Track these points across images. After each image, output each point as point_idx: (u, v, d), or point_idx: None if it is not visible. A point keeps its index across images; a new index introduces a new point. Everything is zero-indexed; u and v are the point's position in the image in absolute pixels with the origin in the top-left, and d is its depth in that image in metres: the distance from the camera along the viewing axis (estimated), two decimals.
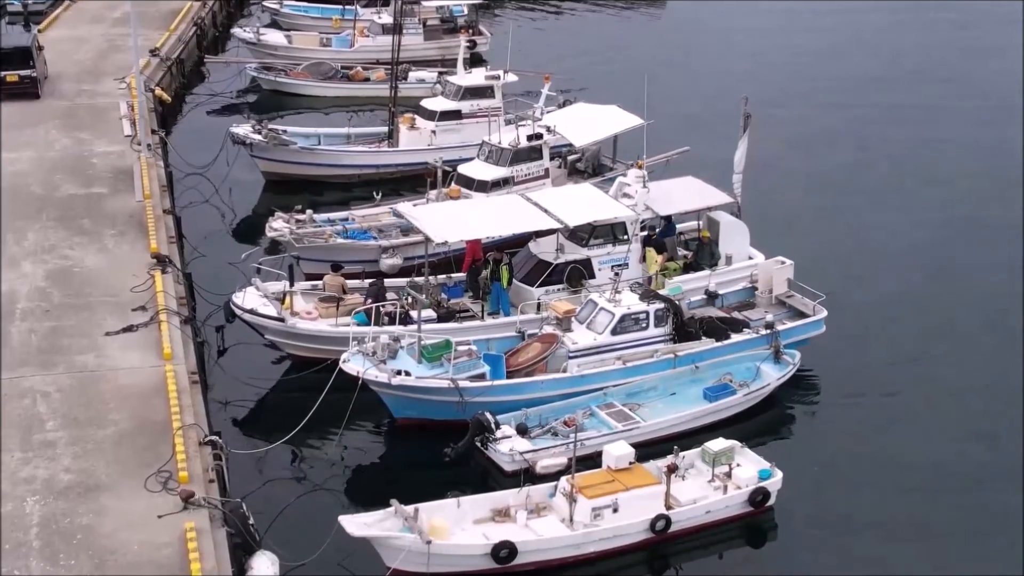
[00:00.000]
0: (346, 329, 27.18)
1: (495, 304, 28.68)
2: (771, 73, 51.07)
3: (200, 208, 36.86)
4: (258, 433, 25.47)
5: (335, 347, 27.06)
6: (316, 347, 27.47)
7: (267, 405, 27.28)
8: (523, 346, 27.10)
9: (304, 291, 28.80)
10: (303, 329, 27.43)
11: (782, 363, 27.38)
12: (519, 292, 28.86)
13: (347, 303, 27.97)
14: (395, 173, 39.30)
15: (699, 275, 29.83)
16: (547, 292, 28.58)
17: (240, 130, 38.24)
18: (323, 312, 27.83)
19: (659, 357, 26.94)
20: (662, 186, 31.46)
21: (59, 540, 19.76)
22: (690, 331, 27.42)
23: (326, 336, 27.43)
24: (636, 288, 27.88)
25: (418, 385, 25.26)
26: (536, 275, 28.91)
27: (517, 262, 29.41)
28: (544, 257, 29.18)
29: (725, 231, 30.70)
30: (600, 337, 26.72)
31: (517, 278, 28.93)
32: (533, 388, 26.09)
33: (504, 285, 28.51)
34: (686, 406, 26.11)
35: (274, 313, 27.51)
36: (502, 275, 28.46)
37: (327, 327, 27.46)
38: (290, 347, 27.91)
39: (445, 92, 40.22)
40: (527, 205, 29.52)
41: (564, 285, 28.79)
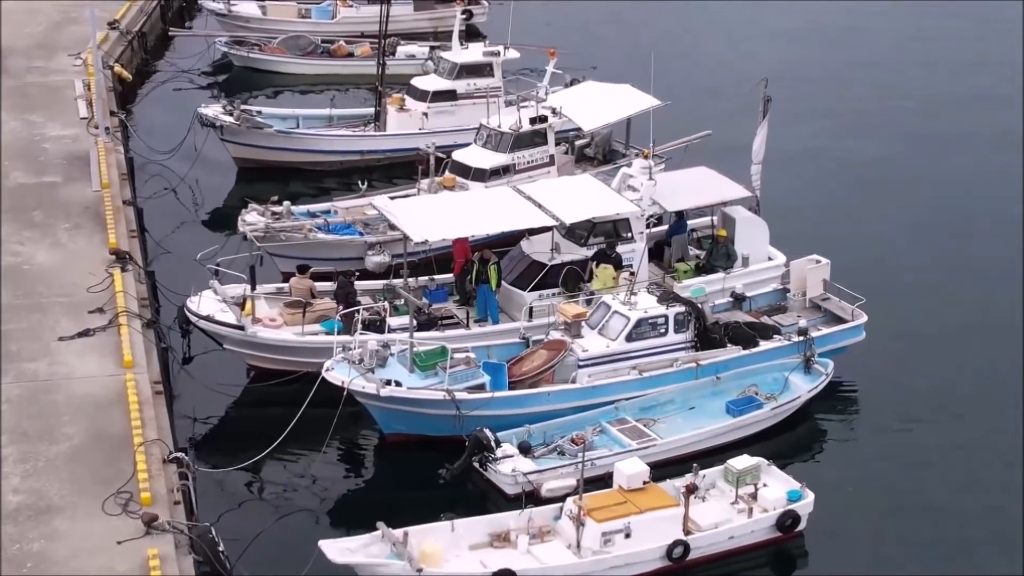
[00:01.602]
0: (314, 338, 27.26)
1: (482, 310, 28.79)
2: (795, 53, 51.21)
3: (164, 199, 36.96)
4: (229, 450, 25.46)
5: (301, 358, 27.23)
6: (280, 358, 27.53)
7: (240, 418, 27.36)
8: (527, 354, 27.17)
9: (268, 295, 28.89)
10: (265, 338, 27.44)
11: (813, 373, 27.50)
12: (509, 296, 28.96)
13: (315, 308, 28.04)
14: (382, 160, 39.33)
15: (712, 278, 29.93)
16: (540, 297, 28.62)
17: (209, 111, 38.30)
18: (288, 319, 27.86)
19: (680, 366, 27.02)
20: (671, 178, 31.53)
21: (8, 568, 19.76)
22: (714, 337, 27.44)
23: (291, 346, 27.44)
24: (654, 289, 28.05)
25: (410, 397, 25.28)
26: (528, 277, 28.95)
27: (507, 263, 29.44)
28: (537, 257, 29.21)
29: (742, 228, 30.76)
30: (613, 344, 26.79)
31: (507, 280, 28.98)
32: (538, 401, 26.16)
33: (492, 288, 28.59)
34: (707, 421, 26.16)
35: (233, 320, 27.47)
36: (490, 277, 28.53)
37: (292, 336, 27.47)
38: (251, 358, 27.95)
39: (438, 69, 40.30)
40: (518, 199, 29.65)
41: (560, 289, 28.78)
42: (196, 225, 35.99)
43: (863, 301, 29.13)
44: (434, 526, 22.37)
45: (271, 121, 39.15)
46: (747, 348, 27.68)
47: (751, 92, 31.70)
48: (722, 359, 27.33)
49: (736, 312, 29.41)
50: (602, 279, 28.75)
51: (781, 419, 26.79)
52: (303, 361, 27.20)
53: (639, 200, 29.88)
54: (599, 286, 28.59)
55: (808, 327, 28.16)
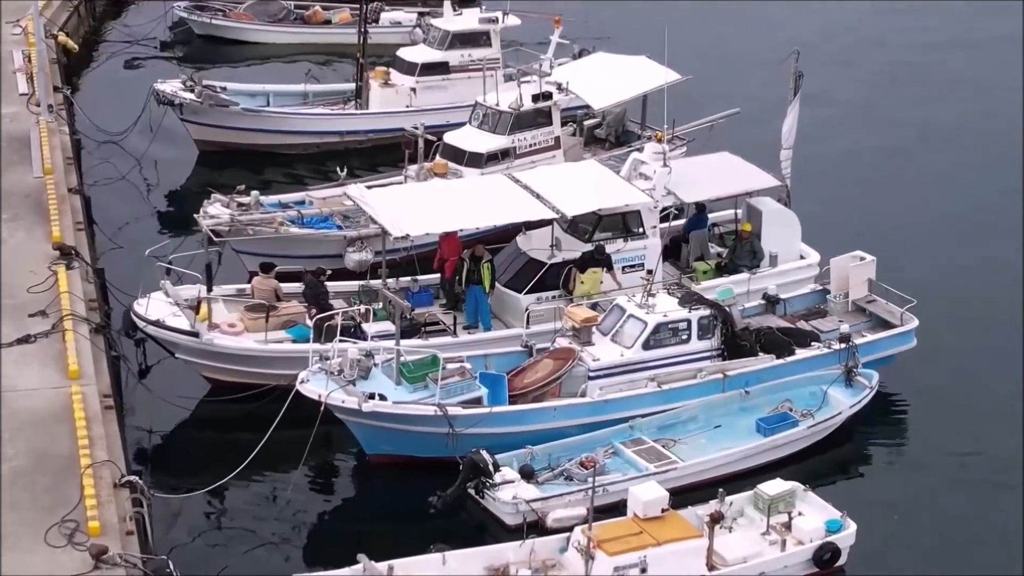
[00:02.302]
0: (279, 347, 27.35)
1: (472, 315, 28.87)
2: (833, 19, 51.25)
3: (116, 187, 36.98)
4: (190, 472, 25.49)
5: (264, 369, 27.30)
6: (240, 369, 27.61)
7: (202, 437, 27.42)
8: (531, 364, 27.17)
9: (227, 297, 28.90)
10: (222, 346, 27.49)
11: (856, 386, 27.55)
12: (503, 299, 29.02)
13: (280, 313, 28.09)
14: (364, 143, 39.44)
15: (736, 279, 29.97)
16: (539, 300, 28.67)
17: (167, 87, 38.41)
18: (249, 324, 27.87)
19: (704, 378, 27.04)
20: (689, 165, 31.59)
21: None
22: (743, 345, 27.49)
23: (252, 356, 27.46)
24: (675, 290, 28.04)
25: (396, 412, 25.26)
26: (525, 278, 29.00)
27: (501, 261, 29.47)
28: (535, 255, 29.25)
29: (770, 222, 30.83)
30: (628, 352, 26.81)
31: (501, 282, 29.01)
32: (542, 417, 26.13)
33: (485, 290, 28.64)
34: (735, 441, 26.22)
35: (186, 325, 27.50)
36: (482, 277, 28.59)
37: (254, 344, 27.49)
38: (207, 369, 27.99)
39: (428, 39, 40.51)
40: (514, 189, 29.69)
41: (560, 291, 28.83)
42: (152, 217, 36.05)
43: (914, 303, 29.19)
44: (423, 559, 22.30)
45: (237, 98, 39.24)
46: (781, 357, 27.72)
47: (781, 66, 31.86)
48: (752, 370, 27.35)
49: (769, 316, 29.42)
50: (589, 284, 28.75)
51: (819, 439, 26.78)
52: (266, 373, 27.27)
53: (651, 190, 29.88)
54: (584, 291, 28.61)
55: (851, 333, 28.14)
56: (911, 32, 51.10)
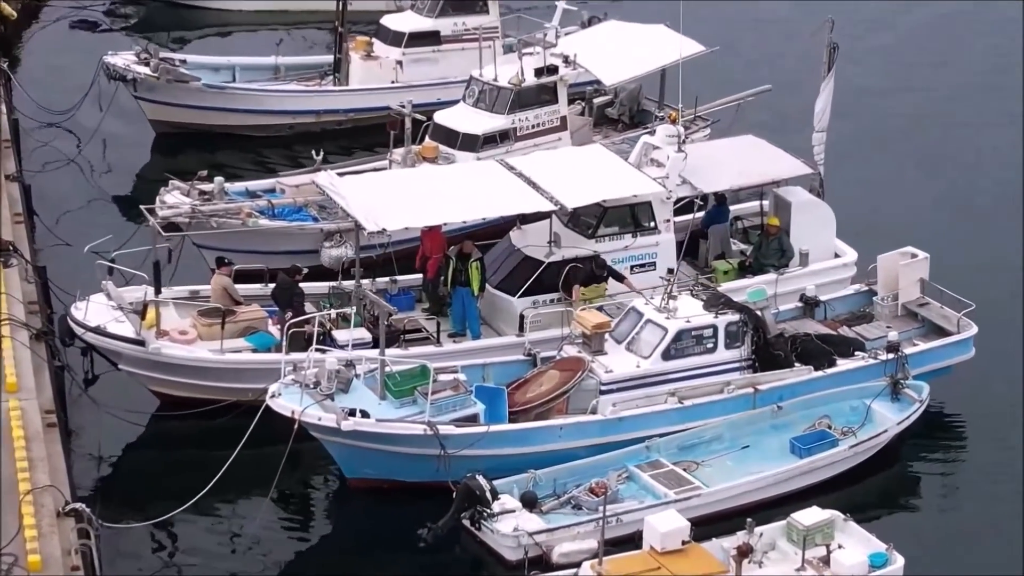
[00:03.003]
0: (235, 357, 27.28)
1: (459, 321, 28.87)
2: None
3: (60, 174, 36.95)
4: (144, 499, 25.39)
5: (219, 382, 27.30)
6: (191, 383, 27.59)
7: (158, 459, 27.34)
8: (534, 375, 27.13)
9: (179, 300, 28.83)
10: (171, 357, 27.42)
11: (904, 400, 27.52)
12: (493, 303, 29.03)
13: (240, 318, 28.04)
14: (343, 123, 39.35)
15: (762, 280, 29.96)
16: (535, 304, 28.69)
17: (118, 60, 38.28)
18: (203, 331, 27.85)
19: (732, 392, 27.02)
20: (708, 150, 31.51)
21: None
22: (777, 354, 27.46)
23: (206, 367, 27.39)
24: (700, 292, 27.93)
25: (380, 431, 25.16)
26: (519, 279, 29.02)
27: (492, 259, 29.50)
28: (531, 253, 29.26)
29: (800, 216, 30.82)
30: (646, 363, 26.78)
31: (492, 283, 29.04)
32: (547, 437, 26.09)
33: (474, 293, 28.64)
34: (766, 463, 26.22)
35: (131, 332, 27.41)
36: (470, 277, 28.57)
37: (208, 353, 27.42)
38: (154, 382, 27.95)
39: (416, 5, 40.32)
40: (507, 176, 29.68)
41: (560, 294, 28.84)
42: (102, 208, 35.99)
43: (972, 308, 29.14)
44: None
45: (198, 73, 39.16)
46: (820, 368, 27.68)
47: (813, 38, 31.80)
48: (787, 383, 27.32)
49: (807, 321, 29.40)
50: (592, 292, 28.74)
51: (862, 460, 26.75)
52: (222, 387, 27.24)
53: (664, 178, 29.84)
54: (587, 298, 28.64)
55: (900, 341, 28.10)
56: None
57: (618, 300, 28.60)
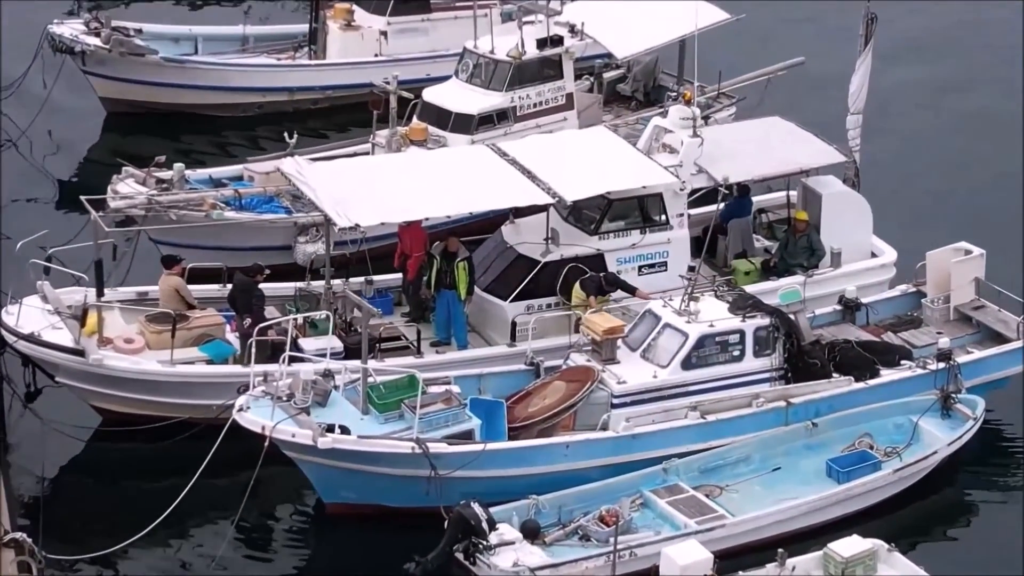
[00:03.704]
0: (189, 369, 27.41)
1: (443, 328, 28.99)
2: None
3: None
4: (93, 528, 25.43)
5: (170, 398, 27.40)
6: (137, 397, 27.61)
7: (109, 482, 27.26)
8: (537, 387, 27.15)
9: (126, 303, 28.83)
10: (114, 368, 27.39)
11: (956, 417, 27.53)
12: (483, 308, 29.15)
13: (193, 324, 28.14)
14: (321, 101, 39.45)
15: (789, 282, 29.98)
16: (529, 309, 28.80)
17: (64, 30, 38.30)
18: (152, 339, 27.90)
19: (761, 407, 27.05)
20: (728, 134, 31.70)
21: None
22: (813, 363, 27.50)
23: (154, 380, 27.43)
24: (725, 292, 27.96)
25: (362, 449, 25.15)
26: (511, 281, 29.16)
27: (481, 258, 29.60)
28: (525, 251, 29.35)
29: (833, 209, 30.95)
30: (664, 373, 26.83)
31: (480, 285, 29.15)
32: (552, 457, 26.08)
33: (460, 296, 28.75)
34: (800, 488, 26.23)
35: (69, 341, 27.36)
36: (457, 279, 28.67)
37: (156, 365, 27.48)
38: (95, 396, 27.92)
39: None
40: (499, 164, 29.73)
41: (558, 298, 28.97)
42: (44, 198, 36.09)
43: None
44: None
45: (156, 44, 39.21)
46: (861, 379, 27.74)
47: None
48: (823, 396, 27.36)
49: (846, 326, 29.44)
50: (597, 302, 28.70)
51: (908, 485, 26.75)
52: (172, 403, 27.31)
53: (678, 167, 29.86)
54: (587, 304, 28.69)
55: (952, 348, 28.15)
56: None
57: (624, 304, 28.63)
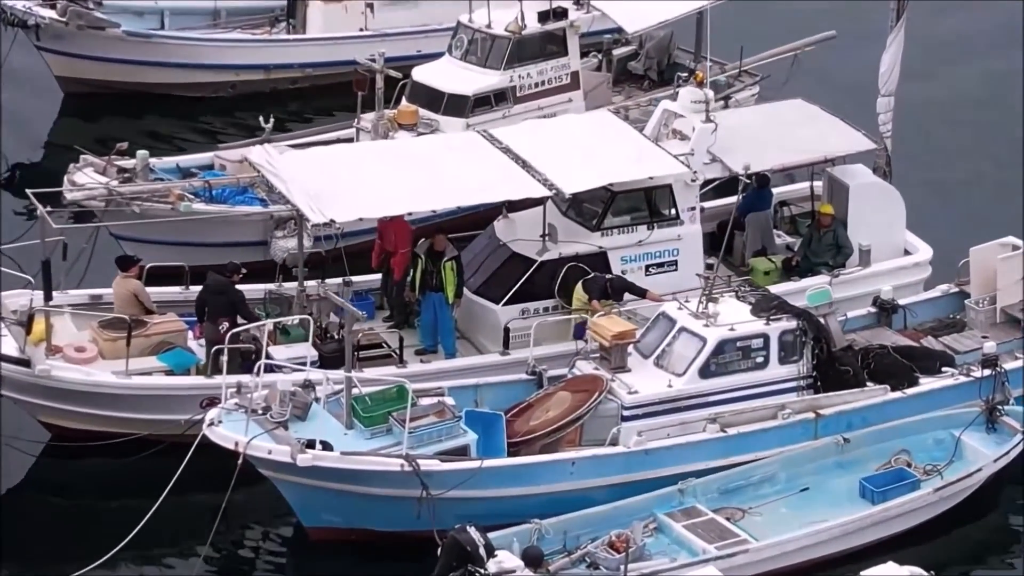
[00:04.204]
0: (146, 381, 27.44)
1: (429, 334, 29.07)
2: None
3: None
4: (53, 552, 25.44)
5: (127, 413, 27.40)
6: (89, 412, 27.60)
7: (65, 505, 27.16)
8: (539, 398, 27.11)
9: (77, 307, 28.74)
10: (63, 380, 27.32)
11: (1002, 430, 27.43)
12: (472, 312, 29.28)
13: (151, 331, 28.14)
14: (300, 81, 39.59)
15: (813, 282, 30.04)
16: (523, 314, 28.89)
17: (16, 1, 38.21)
18: (105, 347, 27.90)
19: (787, 419, 26.98)
20: (745, 118, 31.82)
21: None
22: (844, 371, 27.48)
23: (107, 393, 27.38)
24: (747, 293, 27.94)
25: (346, 467, 25.03)
26: (505, 282, 29.32)
27: (471, 257, 29.73)
28: (520, 249, 29.45)
29: (861, 202, 30.98)
30: (680, 382, 26.79)
31: (470, 287, 29.30)
32: (556, 475, 26.03)
33: (448, 299, 28.82)
34: (830, 510, 26.17)
35: (13, 350, 27.37)
36: (444, 280, 28.76)
37: (110, 376, 27.46)
38: (43, 411, 27.88)
39: None
40: (491, 152, 29.80)
41: (556, 300, 29.10)
42: None
43: None
44: None
45: (118, 17, 39.13)
46: (898, 388, 27.73)
47: None
48: (856, 407, 27.30)
49: (881, 330, 29.48)
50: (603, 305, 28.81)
51: (950, 506, 26.67)
52: (128, 418, 27.30)
53: (688, 155, 29.84)
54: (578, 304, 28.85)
55: (999, 354, 27.96)
56: None
57: (631, 306, 28.60)
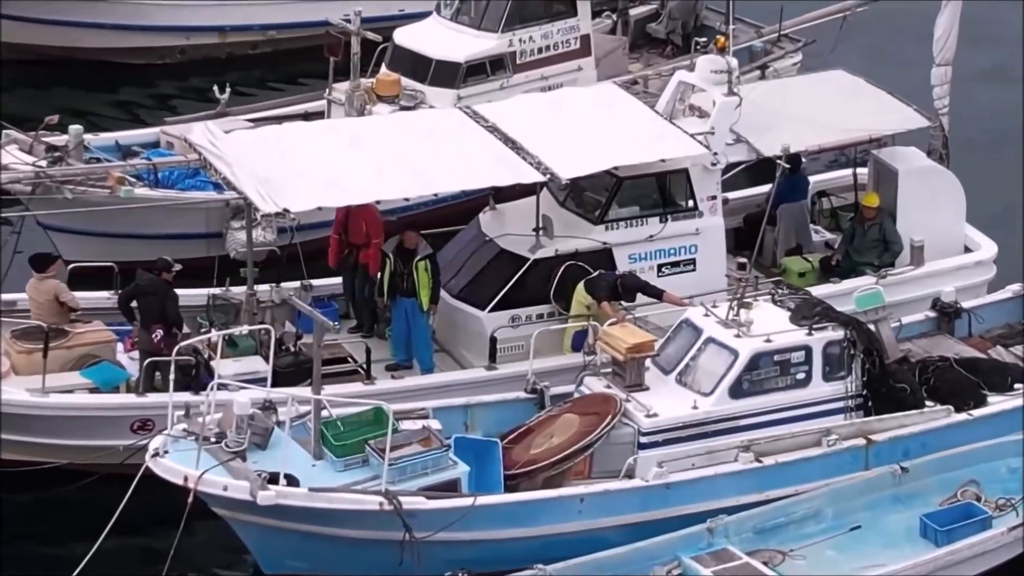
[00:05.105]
0: (67, 399, 27.52)
1: (401, 346, 29.27)
2: None
3: None
4: None
5: (44, 438, 27.53)
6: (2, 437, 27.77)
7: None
8: (541, 422, 27.03)
9: None
10: None
11: None
12: (453, 320, 29.55)
13: (74, 341, 28.26)
14: (261, 45, 40.14)
15: (859, 284, 30.10)
16: (513, 321, 29.01)
17: None
18: (19, 361, 28.06)
19: (834, 446, 26.93)
20: (776, 92, 32.19)
21: None
22: (900, 388, 27.45)
23: (20, 414, 27.39)
24: (784, 296, 27.90)
25: (315, 506, 24.91)
26: (491, 284, 29.52)
27: (451, 256, 30.06)
28: (509, 246, 29.61)
29: (913, 190, 31.17)
30: (707, 402, 26.76)
31: (451, 291, 29.55)
32: (562, 513, 25.96)
33: (422, 305, 28.91)
34: (886, 552, 26.14)
35: None
36: (417, 284, 28.86)
37: (23, 394, 27.54)
38: None
39: None
40: (475, 131, 29.92)
41: (552, 305, 29.26)
42: None
43: None
44: None
45: None
46: (964, 409, 27.71)
47: None
48: (914, 431, 27.31)
49: (942, 339, 29.69)
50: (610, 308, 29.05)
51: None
52: (45, 444, 27.40)
53: (708, 134, 29.93)
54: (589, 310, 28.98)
55: None
56: None
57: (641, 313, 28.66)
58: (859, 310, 27.88)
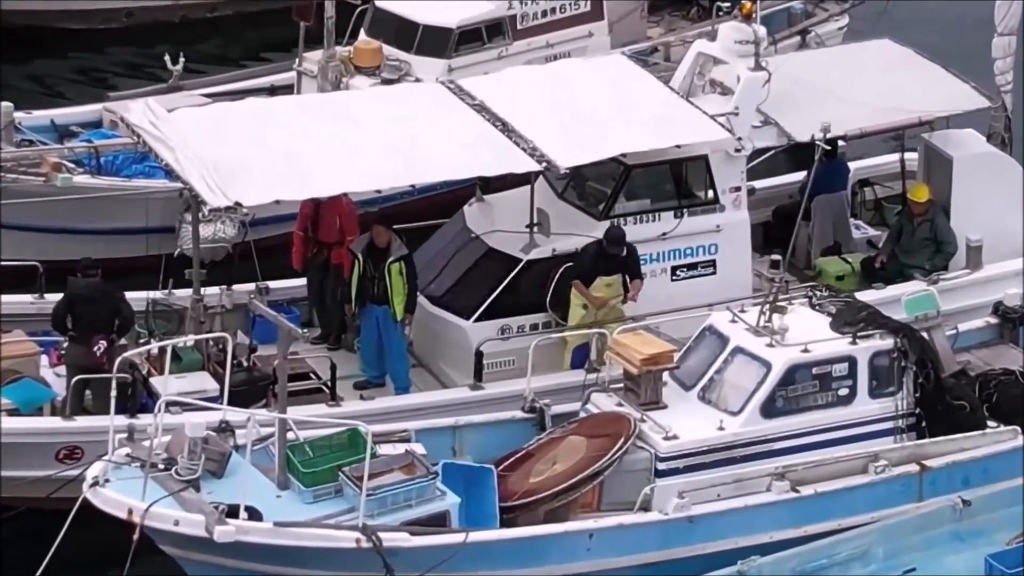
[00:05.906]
0: None
1: (372, 360, 29.67)
2: None
3: None
4: None
5: None
6: None
7: None
8: (543, 445, 27.11)
9: None
10: None
11: None
12: (432, 330, 29.99)
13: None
14: (220, 7, 40.82)
15: (903, 290, 30.23)
16: (503, 332, 29.28)
17: None
18: None
19: (881, 472, 26.92)
20: (810, 66, 32.67)
21: None
22: (958, 406, 27.47)
23: None
24: (824, 299, 27.87)
25: (281, 544, 24.84)
26: (477, 288, 29.91)
27: (431, 256, 30.58)
28: (498, 244, 29.97)
29: (969, 180, 31.47)
30: (735, 422, 26.80)
31: (430, 297, 29.94)
32: (567, 551, 25.97)
33: (395, 314, 29.16)
34: None
35: None
36: (390, 289, 29.07)
37: None
38: None
39: None
40: (462, 111, 30.23)
41: (548, 314, 29.63)
42: None
43: None
44: None
45: None
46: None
47: None
48: (975, 456, 27.33)
49: (1006, 348, 29.68)
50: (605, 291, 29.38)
51: None
52: None
53: (732, 115, 30.15)
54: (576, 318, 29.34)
55: None
56: None
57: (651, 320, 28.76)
58: (910, 316, 27.99)
